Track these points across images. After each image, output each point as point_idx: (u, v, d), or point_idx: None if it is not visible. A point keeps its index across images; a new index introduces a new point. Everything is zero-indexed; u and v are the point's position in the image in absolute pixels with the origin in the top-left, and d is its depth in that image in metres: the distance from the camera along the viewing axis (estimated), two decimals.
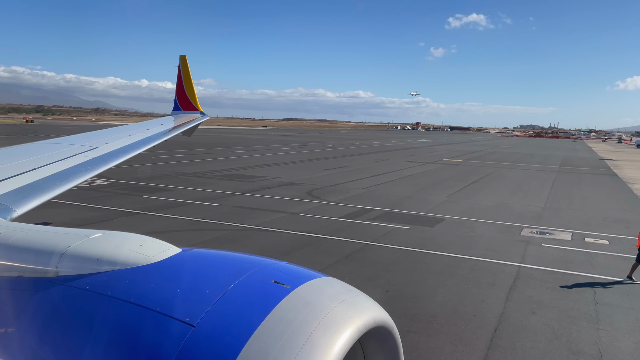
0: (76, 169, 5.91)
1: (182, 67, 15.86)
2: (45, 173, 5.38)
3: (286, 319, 1.98)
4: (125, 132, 9.19)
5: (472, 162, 58.18)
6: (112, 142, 7.89)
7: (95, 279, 2.31)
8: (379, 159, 56.79)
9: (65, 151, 6.62)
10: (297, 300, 2.08)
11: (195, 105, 15.81)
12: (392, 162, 53.20)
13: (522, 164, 58.32)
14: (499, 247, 17.29)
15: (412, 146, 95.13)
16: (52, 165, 5.78)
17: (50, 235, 2.71)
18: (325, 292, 2.18)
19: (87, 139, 7.89)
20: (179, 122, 13.09)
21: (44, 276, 2.44)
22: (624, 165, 60.49)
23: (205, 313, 2.01)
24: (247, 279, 2.20)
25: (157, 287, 2.21)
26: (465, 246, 17.11)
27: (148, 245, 2.52)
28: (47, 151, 6.50)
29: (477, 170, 48.25)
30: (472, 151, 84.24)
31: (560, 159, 71.27)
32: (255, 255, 2.54)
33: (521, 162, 61.57)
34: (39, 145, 7.26)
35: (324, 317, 2.01)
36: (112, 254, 2.43)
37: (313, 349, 1.88)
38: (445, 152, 77.01)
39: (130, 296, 2.17)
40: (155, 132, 9.97)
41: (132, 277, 2.29)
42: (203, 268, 2.38)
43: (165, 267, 2.36)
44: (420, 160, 57.83)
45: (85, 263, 2.41)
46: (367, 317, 2.13)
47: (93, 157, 6.65)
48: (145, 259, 2.39)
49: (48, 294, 2.35)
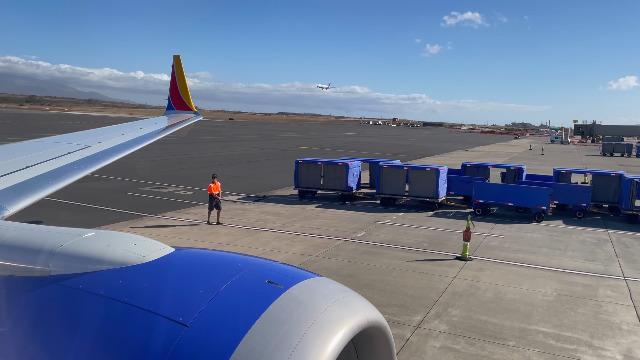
0: (68, 168, 5.77)
1: (175, 67, 15.79)
2: (37, 172, 5.24)
3: (280, 318, 2.01)
4: (119, 131, 9.08)
5: (321, 150, 68.35)
6: (105, 141, 7.73)
7: (87, 279, 2.31)
8: (231, 144, 67.46)
9: (57, 150, 6.48)
10: (291, 300, 2.11)
11: (189, 105, 15.80)
12: (235, 146, 63.81)
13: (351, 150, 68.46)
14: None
15: (311, 137, 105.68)
16: (45, 163, 5.65)
17: (43, 234, 2.69)
18: (318, 292, 2.22)
19: (80, 138, 7.73)
20: (173, 122, 13.13)
21: (36, 275, 2.43)
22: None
23: (199, 313, 2.03)
24: (241, 278, 2.22)
25: (150, 286, 2.22)
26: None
27: (141, 245, 2.52)
28: (39, 150, 6.37)
29: (285, 154, 58.63)
30: (359, 142, 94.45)
31: (410, 148, 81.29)
32: (249, 255, 2.59)
33: (357, 149, 71.67)
34: (31, 144, 7.12)
35: (318, 317, 2.04)
36: (105, 253, 2.43)
37: (306, 349, 1.91)
38: (318, 142, 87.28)
39: (123, 296, 2.18)
40: (149, 132, 9.80)
41: (125, 276, 2.29)
42: (196, 268, 2.40)
43: (159, 267, 2.36)
44: (265, 147, 68.41)
45: (77, 262, 2.40)
46: (361, 317, 2.18)
47: (85, 155, 6.53)
48: (138, 258, 2.40)
49: (40, 294, 2.33)
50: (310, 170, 28.53)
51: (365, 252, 17.52)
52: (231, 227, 20.53)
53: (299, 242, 18.50)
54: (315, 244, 18.37)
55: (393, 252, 17.67)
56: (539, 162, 58.83)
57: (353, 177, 27.99)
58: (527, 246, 19.24)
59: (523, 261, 17.12)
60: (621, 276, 15.87)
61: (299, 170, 28.52)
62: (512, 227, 22.65)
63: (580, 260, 17.53)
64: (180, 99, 15.86)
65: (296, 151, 63.33)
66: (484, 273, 15.61)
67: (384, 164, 27.35)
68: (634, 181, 24.36)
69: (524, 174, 29.23)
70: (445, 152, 76.69)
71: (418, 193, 26.39)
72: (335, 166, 28.05)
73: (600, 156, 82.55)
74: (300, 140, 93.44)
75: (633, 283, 15.23)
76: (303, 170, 28.56)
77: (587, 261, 17.49)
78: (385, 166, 27.10)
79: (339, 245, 18.32)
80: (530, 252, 18.43)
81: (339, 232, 20.40)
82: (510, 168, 30.12)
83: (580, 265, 16.89)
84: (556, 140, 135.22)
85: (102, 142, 7.52)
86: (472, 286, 14.27)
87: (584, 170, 31.33)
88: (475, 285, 14.34)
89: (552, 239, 20.67)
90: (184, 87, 15.82)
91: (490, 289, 14.07)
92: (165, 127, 11.53)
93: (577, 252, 18.65)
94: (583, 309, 12.88)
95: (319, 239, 19.04)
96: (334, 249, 17.69)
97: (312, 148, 71.49)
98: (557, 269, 16.29)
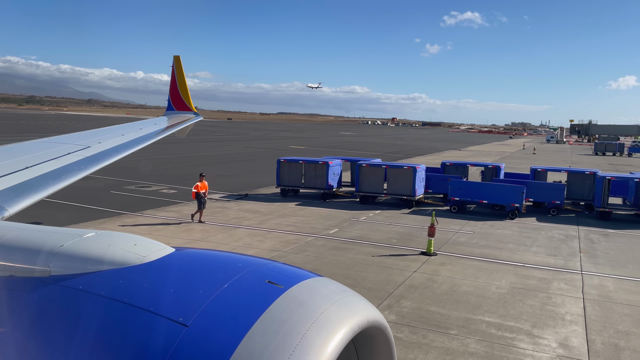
0: (69, 168, 5.80)
1: (175, 68, 15.90)
2: (37, 172, 5.27)
3: (280, 318, 2.02)
4: (119, 132, 9.09)
5: (315, 149, 68.86)
6: (105, 141, 7.77)
7: (88, 279, 2.32)
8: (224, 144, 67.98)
9: (57, 150, 6.52)
10: (291, 300, 2.12)
11: (189, 105, 15.89)
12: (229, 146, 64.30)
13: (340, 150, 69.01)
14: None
15: (307, 137, 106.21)
16: (45, 164, 5.69)
17: (43, 234, 2.70)
18: (319, 292, 2.24)
19: (80, 138, 7.77)
20: (173, 122, 13.17)
21: (36, 276, 2.44)
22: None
23: (199, 313, 2.05)
24: (241, 279, 2.24)
25: (150, 287, 2.24)
26: None
27: (141, 245, 2.54)
28: (39, 150, 6.40)
29: (276, 154, 59.15)
30: (355, 142, 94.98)
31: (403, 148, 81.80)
32: (249, 256, 2.61)
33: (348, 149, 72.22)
34: (31, 144, 7.17)
35: (318, 317, 2.05)
36: (105, 253, 2.44)
37: (307, 349, 1.92)
38: (314, 142, 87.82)
39: (123, 296, 2.19)
40: (149, 132, 9.83)
41: (125, 276, 2.31)
42: (196, 268, 2.42)
43: (159, 267, 2.38)
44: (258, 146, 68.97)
45: (77, 263, 2.41)
46: (361, 317, 2.19)
47: (86, 156, 6.57)
48: (139, 258, 2.41)
49: (40, 294, 2.34)
50: (291, 169, 29.03)
51: (333, 247, 18.02)
52: (208, 224, 21.03)
53: (271, 239, 18.99)
54: (286, 240, 18.86)
55: (361, 247, 18.16)
56: (530, 161, 59.23)
57: (333, 175, 28.48)
58: (495, 242, 19.73)
59: (486, 256, 17.61)
60: (578, 270, 16.36)
61: (281, 169, 29.01)
62: (485, 224, 23.14)
63: (543, 255, 18.02)
64: (180, 99, 15.95)
65: (289, 151, 63.78)
66: (445, 267, 16.09)
67: (363, 163, 27.84)
68: (606, 179, 24.86)
69: (502, 172, 29.71)
70: (437, 152, 77.16)
71: (396, 191, 26.89)
72: (316, 165, 28.55)
73: (592, 155, 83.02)
74: (296, 140, 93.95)
75: (588, 277, 15.72)
76: (285, 169, 29.06)
77: (549, 256, 17.98)
78: (364, 165, 27.60)
79: (309, 241, 18.82)
80: (496, 247, 18.92)
81: (313, 229, 20.89)
82: (488, 166, 30.61)
83: (541, 260, 17.38)
84: (552, 140, 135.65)
85: (102, 143, 7.55)
86: (429, 279, 14.76)
87: (560, 169, 31.83)
88: (433, 279, 14.83)
89: (520, 235, 21.16)
90: (183, 88, 15.94)
91: (446, 282, 14.55)
92: (165, 127, 11.61)
93: (542, 248, 19.13)
94: (532, 300, 13.37)
95: (291, 236, 19.53)
96: (303, 245, 18.19)
97: (306, 147, 71.98)
98: (517, 264, 16.78)
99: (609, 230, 22.82)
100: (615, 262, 17.61)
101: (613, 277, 15.81)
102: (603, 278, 15.66)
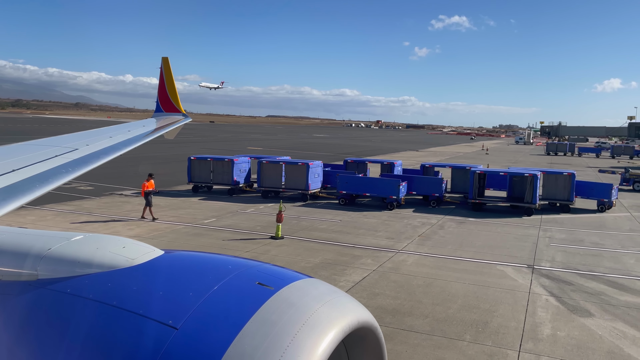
0: (56, 171, 5.82)
1: (164, 69, 16.03)
2: (24, 175, 5.28)
3: (270, 320, 2.03)
4: (106, 134, 9.16)
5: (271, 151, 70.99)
6: (93, 143, 7.84)
7: (76, 282, 2.31)
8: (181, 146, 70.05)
9: (45, 153, 6.52)
10: (281, 301, 2.13)
11: (177, 107, 15.99)
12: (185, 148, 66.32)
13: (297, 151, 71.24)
14: None
15: (277, 139, 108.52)
16: (32, 166, 5.69)
17: (30, 237, 2.69)
18: (309, 294, 2.25)
19: (68, 141, 7.82)
20: (161, 124, 13.25)
21: (23, 279, 2.41)
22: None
23: (189, 315, 2.05)
24: (231, 280, 2.24)
25: (139, 289, 2.23)
26: None
27: (130, 248, 2.54)
28: (26, 152, 6.40)
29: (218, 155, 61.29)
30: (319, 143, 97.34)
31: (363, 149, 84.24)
32: (239, 257, 2.64)
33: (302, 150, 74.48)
34: (18, 146, 7.18)
35: (308, 318, 2.06)
36: (94, 256, 2.43)
37: (297, 350, 1.93)
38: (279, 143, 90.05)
39: (112, 299, 2.18)
40: (137, 134, 9.92)
41: (114, 279, 2.29)
42: (186, 270, 2.43)
43: (148, 270, 2.38)
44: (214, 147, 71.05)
45: (65, 266, 2.39)
46: (351, 318, 2.21)
47: (73, 158, 6.55)
48: (127, 261, 2.41)
49: (27, 298, 2.32)
50: (201, 166, 31.16)
51: (194, 234, 20.12)
52: (96, 215, 23.06)
53: (141, 227, 21.04)
54: (155, 228, 20.93)
55: (219, 233, 20.30)
56: (479, 161, 61.75)
57: (240, 172, 30.64)
58: (351, 229, 21.94)
59: (328, 239, 19.81)
60: (397, 250, 18.60)
61: (192, 166, 31.11)
62: (360, 214, 25.38)
63: (381, 239, 20.25)
64: (169, 101, 15.97)
65: (244, 152, 65.90)
66: (280, 248, 18.28)
67: (263, 160, 30.04)
68: (477, 173, 27.26)
69: (397, 168, 32.06)
70: (394, 152, 79.66)
71: (292, 185, 29.11)
72: (223, 162, 30.70)
73: (543, 155, 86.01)
74: (262, 142, 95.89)
75: (401, 254, 17.96)
76: (195, 166, 31.17)
77: (386, 239, 20.22)
78: (265, 161, 29.81)
79: (176, 229, 20.91)
80: (346, 233, 21.13)
81: (193, 218, 22.98)
82: (384, 163, 32.99)
83: (373, 242, 19.62)
84: (520, 142, 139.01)
85: (90, 145, 7.57)
86: (256, 257, 16.88)
87: (446, 165, 34.31)
88: (259, 257, 16.95)
89: (381, 223, 23.40)
90: (172, 89, 16.00)
91: (270, 259, 16.71)
92: (154, 129, 11.70)
93: (389, 233, 21.37)
94: (326, 272, 15.57)
95: (163, 225, 21.61)
96: (167, 232, 20.28)
97: (262, 149, 74.02)
98: (346, 244, 19.00)
99: (470, 219, 25.14)
100: (440, 244, 19.89)
101: (422, 254, 18.09)
102: (412, 255, 17.91)
